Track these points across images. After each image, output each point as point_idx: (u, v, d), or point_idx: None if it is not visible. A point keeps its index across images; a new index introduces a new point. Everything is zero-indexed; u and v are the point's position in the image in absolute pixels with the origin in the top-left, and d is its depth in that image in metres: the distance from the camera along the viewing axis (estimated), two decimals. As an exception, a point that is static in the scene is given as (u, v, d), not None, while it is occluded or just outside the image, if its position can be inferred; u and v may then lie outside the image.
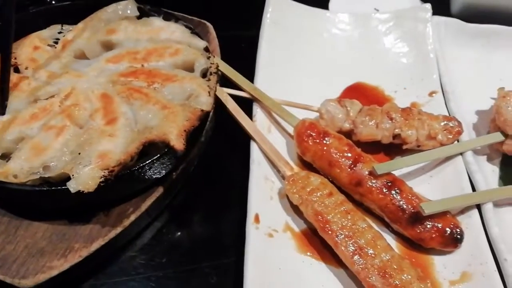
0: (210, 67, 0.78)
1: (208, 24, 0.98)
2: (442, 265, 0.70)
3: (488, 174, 0.83)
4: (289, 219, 0.73)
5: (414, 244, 0.72)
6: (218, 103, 0.82)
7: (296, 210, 0.73)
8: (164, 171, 0.70)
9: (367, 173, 0.73)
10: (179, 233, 0.74)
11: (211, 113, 0.81)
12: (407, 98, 0.91)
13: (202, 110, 0.70)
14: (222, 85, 0.86)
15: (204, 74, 0.78)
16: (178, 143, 0.64)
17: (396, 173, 0.78)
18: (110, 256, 0.69)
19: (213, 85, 0.75)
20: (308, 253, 0.70)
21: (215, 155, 0.84)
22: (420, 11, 0.99)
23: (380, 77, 0.96)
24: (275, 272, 0.65)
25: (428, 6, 0.99)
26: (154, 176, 0.69)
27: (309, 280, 0.66)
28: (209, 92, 0.73)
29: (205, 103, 0.71)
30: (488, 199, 0.73)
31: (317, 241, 0.71)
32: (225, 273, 0.68)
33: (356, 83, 0.96)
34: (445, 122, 0.81)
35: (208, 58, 0.79)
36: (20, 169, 0.63)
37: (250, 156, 0.77)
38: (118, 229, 0.66)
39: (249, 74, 0.89)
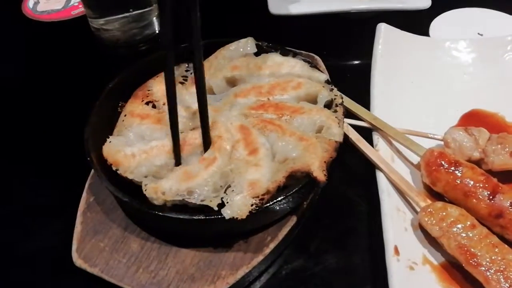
0: (335, 98, 0.80)
1: (316, 56, 1.00)
2: None
3: None
4: (427, 251, 0.71)
5: None
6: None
7: (432, 242, 0.71)
8: (299, 201, 0.71)
9: (508, 204, 0.70)
10: (308, 263, 0.74)
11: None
12: (530, 125, 0.88)
13: (338, 142, 0.71)
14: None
15: (326, 106, 0.80)
16: (320, 174, 0.65)
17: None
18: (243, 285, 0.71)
19: (341, 116, 0.77)
20: (451, 287, 0.67)
21: (337, 186, 0.84)
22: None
23: (499, 103, 0.92)
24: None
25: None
26: (291, 206, 0.70)
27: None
28: (338, 123, 0.75)
29: (337, 134, 0.73)
30: None
31: (459, 276, 0.68)
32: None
33: (472, 110, 0.93)
34: None
35: (331, 90, 0.81)
36: (169, 188, 0.66)
37: (378, 186, 0.76)
38: (260, 257, 0.68)
39: (362, 105, 0.90)
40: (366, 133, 0.86)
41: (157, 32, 1.13)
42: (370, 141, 0.84)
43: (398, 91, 0.93)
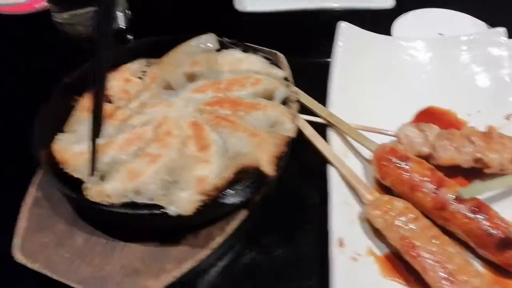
0: (291, 95, 0.82)
1: (280, 54, 1.02)
2: (534, 293, 0.68)
3: None
4: (372, 243, 0.74)
5: (502, 270, 0.70)
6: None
7: (378, 234, 0.74)
8: (250, 196, 0.73)
9: (451, 197, 0.73)
10: (259, 256, 0.76)
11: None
12: (481, 122, 0.90)
13: (290, 137, 0.73)
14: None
15: (283, 102, 0.82)
16: (269, 169, 0.67)
17: (479, 198, 0.77)
18: (196, 278, 0.73)
19: (295, 112, 0.79)
20: (393, 278, 0.70)
21: (291, 180, 0.86)
22: (494, 35, 0.99)
23: (453, 101, 0.95)
24: (363, 295, 0.66)
25: (502, 29, 0.99)
26: (241, 201, 0.72)
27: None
28: (292, 119, 0.76)
29: (290, 129, 0.75)
30: None
31: (401, 266, 0.71)
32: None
33: (428, 107, 0.96)
34: (528, 146, 0.79)
35: (288, 87, 0.83)
36: (114, 190, 0.67)
37: (328, 180, 0.79)
38: (207, 251, 0.69)
39: (320, 101, 0.92)
40: (324, 129, 0.88)
41: (120, 26, 1.14)
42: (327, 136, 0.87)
43: (356, 88, 0.96)
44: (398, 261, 0.71)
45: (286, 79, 0.85)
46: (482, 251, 0.71)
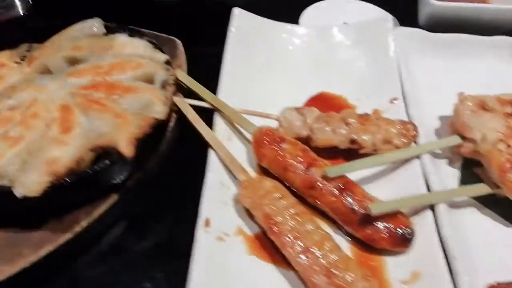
0: (169, 78, 0.81)
1: (177, 40, 1.01)
2: (394, 266, 0.70)
3: (448, 178, 0.84)
4: (242, 223, 0.74)
5: (367, 246, 0.72)
6: (183, 115, 0.85)
7: (249, 214, 0.74)
8: (117, 179, 0.72)
9: (319, 176, 0.74)
10: (135, 241, 0.75)
11: (172, 124, 0.84)
12: (369, 106, 0.93)
13: (156, 119, 0.73)
14: (186, 97, 0.88)
15: (164, 86, 0.82)
16: (127, 150, 0.66)
17: (355, 177, 0.79)
18: (66, 262, 0.71)
19: (169, 95, 0.78)
20: (259, 256, 0.70)
21: (177, 165, 0.86)
22: (382, 23, 1.02)
23: (344, 87, 0.97)
24: (223, 273, 0.66)
25: (389, 17, 1.02)
26: (107, 184, 0.71)
27: (256, 280, 0.67)
28: (164, 102, 0.76)
29: (159, 112, 0.74)
30: (435, 200, 0.73)
31: (268, 244, 0.71)
32: (176, 277, 0.68)
33: (320, 93, 0.98)
34: (401, 127, 0.82)
35: (168, 70, 0.82)
36: None
37: (207, 162, 0.79)
38: (68, 235, 0.68)
39: (215, 87, 0.92)
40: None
41: (21, 14, 1.10)
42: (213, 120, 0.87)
43: (249, 74, 0.96)
44: (266, 240, 0.72)
45: (167, 62, 0.84)
46: (347, 228, 0.73)
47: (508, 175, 0.74)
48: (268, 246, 0.71)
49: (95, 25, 0.90)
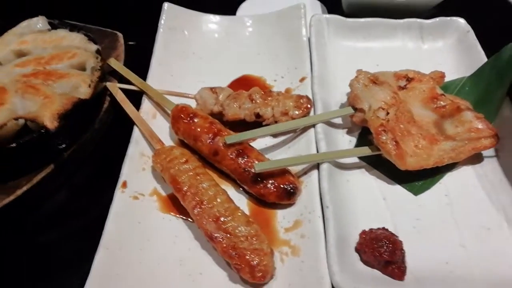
0: (97, 65, 0.95)
1: (119, 34, 1.15)
2: (282, 217, 0.84)
3: (345, 144, 0.96)
4: (158, 186, 0.88)
5: (261, 201, 0.85)
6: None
7: (163, 178, 0.88)
8: (53, 150, 0.86)
9: (221, 144, 0.87)
10: (70, 203, 0.90)
11: (106, 105, 0.97)
12: (283, 85, 1.06)
13: (80, 99, 0.87)
14: (119, 82, 1.02)
15: (92, 72, 0.95)
16: (50, 123, 0.80)
17: (260, 146, 0.92)
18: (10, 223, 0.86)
19: (95, 79, 0.92)
20: (168, 211, 0.84)
21: (113, 140, 0.99)
22: (296, 10, 1.14)
23: (263, 69, 1.10)
24: (135, 226, 0.80)
25: (302, 4, 1.14)
26: (44, 154, 0.85)
27: (164, 231, 0.81)
28: (89, 85, 0.90)
29: (84, 93, 0.88)
30: (317, 160, 0.86)
31: (177, 202, 0.85)
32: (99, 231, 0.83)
33: (242, 75, 1.10)
34: (297, 100, 0.95)
35: (97, 58, 0.96)
36: None
37: (131, 136, 0.92)
38: (11, 198, 0.82)
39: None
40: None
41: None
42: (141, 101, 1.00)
43: (177, 61, 1.09)
44: (175, 198, 0.85)
45: (98, 52, 0.98)
46: (244, 186, 0.86)
47: (380, 136, 0.86)
48: (177, 204, 0.85)
49: (39, 22, 1.03)
